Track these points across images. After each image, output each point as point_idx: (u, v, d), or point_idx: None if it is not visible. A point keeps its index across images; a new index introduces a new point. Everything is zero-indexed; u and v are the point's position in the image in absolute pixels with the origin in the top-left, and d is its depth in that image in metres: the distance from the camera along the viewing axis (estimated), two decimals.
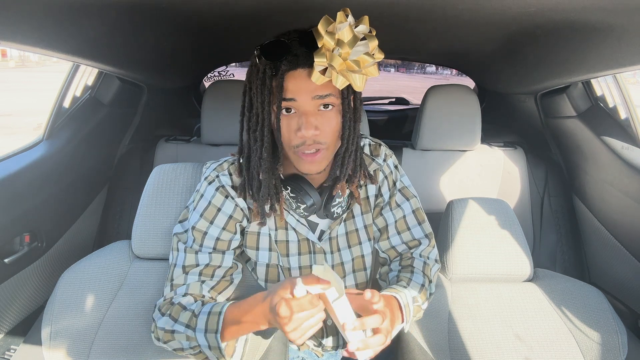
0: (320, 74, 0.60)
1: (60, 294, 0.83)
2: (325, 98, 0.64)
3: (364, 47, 0.59)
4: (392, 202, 0.84)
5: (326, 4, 0.82)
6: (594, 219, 1.38)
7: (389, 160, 0.86)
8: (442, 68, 10.54)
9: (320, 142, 0.66)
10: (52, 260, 1.26)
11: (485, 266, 0.90)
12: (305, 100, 0.64)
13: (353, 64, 0.59)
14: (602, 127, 1.36)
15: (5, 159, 1.15)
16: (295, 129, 0.65)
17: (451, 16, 0.94)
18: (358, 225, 0.83)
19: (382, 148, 0.86)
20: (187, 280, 0.72)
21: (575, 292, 0.90)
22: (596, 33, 0.84)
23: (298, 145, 0.67)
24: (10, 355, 1.05)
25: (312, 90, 0.63)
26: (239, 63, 2.37)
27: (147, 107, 1.65)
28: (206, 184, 0.76)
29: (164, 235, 0.87)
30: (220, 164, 0.78)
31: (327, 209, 0.75)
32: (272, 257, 0.79)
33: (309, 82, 0.62)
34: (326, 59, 0.59)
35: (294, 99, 0.64)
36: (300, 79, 0.63)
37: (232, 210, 0.75)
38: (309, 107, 0.64)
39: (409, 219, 0.84)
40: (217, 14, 0.98)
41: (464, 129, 1.46)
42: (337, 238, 0.81)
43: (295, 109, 0.65)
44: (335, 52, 0.59)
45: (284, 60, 0.63)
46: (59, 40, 0.84)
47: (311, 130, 0.64)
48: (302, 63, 0.62)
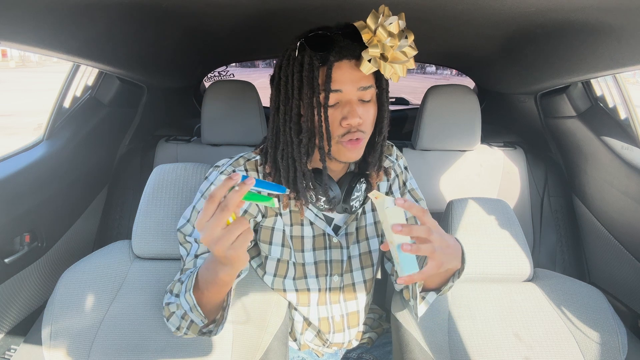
0: (369, 64, 0.62)
1: (60, 294, 0.83)
2: (367, 89, 0.67)
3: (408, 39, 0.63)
4: None
5: (326, 4, 0.82)
6: (593, 219, 1.38)
7: (399, 161, 0.89)
8: (442, 68, 10.54)
9: (363, 131, 0.69)
10: (52, 260, 1.26)
11: (485, 266, 0.90)
12: (351, 90, 0.66)
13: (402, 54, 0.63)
14: (602, 127, 1.36)
15: (5, 159, 1.15)
16: (340, 118, 0.67)
17: (451, 16, 0.94)
18: (368, 220, 0.85)
19: (394, 149, 0.89)
20: (196, 263, 0.72)
21: (575, 292, 0.90)
22: (596, 33, 0.84)
23: (342, 135, 0.68)
24: (10, 355, 1.05)
25: (357, 81, 0.65)
26: (239, 63, 2.36)
27: (147, 107, 1.65)
28: (223, 177, 0.76)
29: (164, 235, 0.87)
30: (236, 160, 0.79)
31: (347, 202, 0.76)
32: (284, 253, 0.80)
33: (354, 73, 0.64)
34: (379, 49, 0.61)
35: (340, 90, 0.65)
36: (346, 70, 0.64)
37: (247, 205, 0.76)
38: (354, 97, 0.66)
39: None
40: (218, 14, 0.99)
41: (464, 129, 1.46)
42: (353, 234, 0.83)
43: (339, 99, 0.67)
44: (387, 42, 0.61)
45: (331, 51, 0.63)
46: (59, 40, 0.84)
47: (357, 119, 0.66)
48: (348, 54, 0.64)
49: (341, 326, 0.87)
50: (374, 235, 0.85)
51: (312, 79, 0.64)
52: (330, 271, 0.82)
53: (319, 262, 0.81)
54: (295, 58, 0.66)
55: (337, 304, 0.85)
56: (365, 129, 0.69)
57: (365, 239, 0.84)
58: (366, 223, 0.84)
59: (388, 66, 0.62)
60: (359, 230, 0.84)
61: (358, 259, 0.84)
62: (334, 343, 0.89)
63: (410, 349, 0.79)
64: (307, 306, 0.84)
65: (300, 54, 0.65)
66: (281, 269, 0.81)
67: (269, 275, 0.82)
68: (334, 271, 0.82)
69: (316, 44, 0.64)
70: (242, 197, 0.49)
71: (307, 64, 0.64)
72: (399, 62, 0.63)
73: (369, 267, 0.85)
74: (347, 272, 0.84)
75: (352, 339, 0.91)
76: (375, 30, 0.61)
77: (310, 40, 0.64)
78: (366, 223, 0.84)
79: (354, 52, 0.63)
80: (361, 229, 0.84)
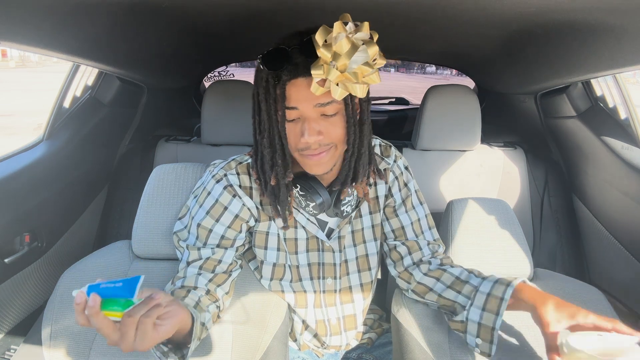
0: (319, 85, 0.59)
1: (60, 294, 0.83)
2: (326, 106, 0.64)
3: (362, 56, 0.57)
4: (408, 203, 0.84)
5: (326, 4, 0.82)
6: (594, 219, 1.38)
7: (399, 162, 0.86)
8: (442, 68, 10.53)
9: (327, 144, 0.67)
10: (52, 260, 1.26)
11: (485, 266, 0.90)
12: (307, 108, 0.64)
13: (351, 75, 0.58)
14: (602, 127, 1.36)
15: (5, 159, 1.15)
16: (299, 134, 0.66)
17: (451, 16, 0.94)
18: (365, 224, 0.83)
19: (392, 149, 0.87)
20: (186, 273, 0.74)
21: (575, 292, 0.90)
22: (596, 33, 0.84)
23: (303, 149, 0.67)
24: (10, 355, 1.05)
25: (314, 99, 0.63)
26: (239, 63, 2.36)
27: (147, 107, 1.65)
28: (214, 182, 0.76)
29: (164, 235, 0.87)
30: (228, 163, 0.78)
31: (337, 207, 0.76)
32: (280, 257, 0.79)
33: (310, 91, 0.61)
34: (322, 72, 0.57)
35: (296, 107, 0.64)
36: (301, 88, 0.63)
37: (239, 210, 0.75)
38: (312, 114, 0.64)
39: (422, 222, 0.85)
40: (218, 14, 0.98)
41: (464, 129, 1.46)
42: (346, 237, 0.82)
43: (299, 115, 0.65)
44: (331, 65, 0.57)
45: (284, 69, 0.62)
46: (59, 41, 0.84)
47: (314, 137, 0.64)
48: (302, 72, 0.62)
49: (338, 329, 0.86)
50: (372, 238, 0.84)
51: (269, 96, 0.64)
52: (323, 274, 0.82)
53: (312, 264, 0.81)
54: (260, 72, 0.66)
55: (333, 306, 0.84)
56: (330, 141, 0.67)
57: (362, 242, 0.84)
58: (363, 226, 0.83)
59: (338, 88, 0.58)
60: (354, 233, 0.83)
61: (355, 262, 0.83)
62: (331, 346, 0.89)
63: (410, 349, 0.79)
64: (304, 308, 0.84)
65: (262, 70, 0.65)
66: (278, 273, 0.81)
67: (266, 279, 0.82)
68: (326, 274, 0.82)
69: (270, 62, 0.62)
70: (102, 309, 0.51)
71: (264, 82, 0.64)
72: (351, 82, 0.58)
73: (366, 271, 0.85)
74: (343, 275, 0.83)
75: (351, 341, 0.91)
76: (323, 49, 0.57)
77: (265, 58, 0.63)
78: (363, 226, 0.83)
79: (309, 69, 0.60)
80: (357, 232, 0.83)
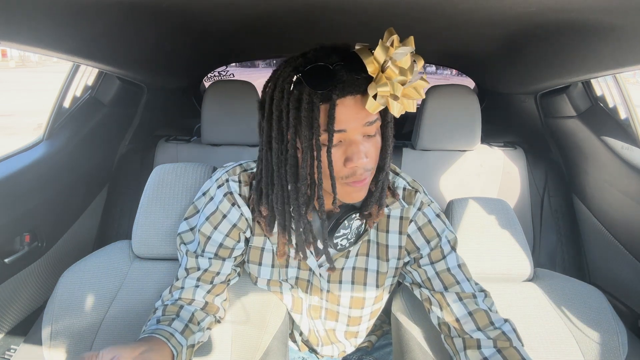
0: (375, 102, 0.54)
1: (60, 294, 0.83)
2: (373, 124, 0.59)
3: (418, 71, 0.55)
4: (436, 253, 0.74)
5: (326, 4, 0.82)
6: (594, 219, 1.38)
7: (425, 209, 0.76)
8: (442, 68, 10.53)
9: (368, 169, 0.62)
10: (52, 260, 1.26)
11: (485, 266, 0.90)
12: (356, 128, 0.58)
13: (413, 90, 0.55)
14: (602, 127, 1.36)
15: (5, 159, 1.15)
16: (343, 159, 0.59)
17: (451, 16, 0.94)
18: (370, 266, 0.76)
19: (418, 195, 0.76)
20: (184, 284, 0.73)
21: (575, 292, 0.90)
22: (596, 33, 0.84)
23: (348, 176, 0.61)
24: (10, 355, 1.05)
25: (363, 118, 0.57)
26: (239, 63, 2.36)
27: (147, 107, 1.65)
28: (216, 186, 0.74)
29: (164, 235, 0.87)
30: (233, 168, 0.75)
31: (330, 239, 0.69)
32: (274, 274, 0.78)
33: (358, 110, 0.56)
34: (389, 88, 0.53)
35: (344, 130, 0.57)
36: (351, 107, 0.56)
37: (237, 219, 0.73)
38: (358, 136, 0.59)
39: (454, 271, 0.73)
40: (218, 14, 0.99)
41: (464, 129, 1.46)
42: (342, 270, 0.76)
43: (342, 139, 0.59)
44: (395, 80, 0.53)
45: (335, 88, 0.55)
46: (59, 40, 0.84)
47: (362, 159, 0.58)
48: (352, 90, 0.55)
49: (327, 340, 0.85)
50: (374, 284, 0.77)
51: (312, 119, 0.56)
52: (310, 292, 0.79)
53: (300, 279, 0.78)
54: (291, 92, 0.57)
55: (318, 319, 0.83)
56: (370, 166, 0.62)
57: (363, 284, 0.77)
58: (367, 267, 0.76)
59: (397, 104, 0.55)
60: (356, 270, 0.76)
61: (348, 300, 0.78)
62: (323, 355, 0.88)
63: (410, 349, 0.79)
64: (299, 314, 0.83)
65: (296, 89, 0.57)
66: (273, 285, 0.80)
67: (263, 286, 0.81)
68: (313, 293, 0.79)
69: (316, 81, 0.55)
70: None
71: (305, 103, 0.55)
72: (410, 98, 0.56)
73: (358, 309, 0.78)
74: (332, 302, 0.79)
75: (347, 348, 0.90)
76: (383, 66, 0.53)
77: (309, 75, 0.55)
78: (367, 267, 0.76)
79: (359, 87, 0.55)
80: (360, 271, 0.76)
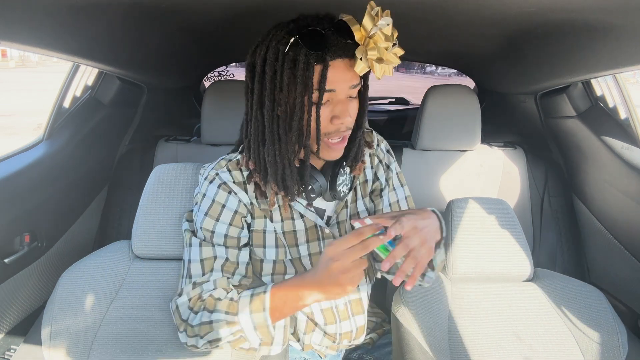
0: (363, 64, 0.61)
1: (60, 294, 0.83)
2: (356, 87, 0.68)
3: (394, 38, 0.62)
4: (390, 184, 0.87)
5: (326, 4, 0.82)
6: (593, 219, 1.38)
7: (382, 145, 0.89)
8: (441, 68, 10.54)
9: (350, 127, 0.70)
10: (52, 260, 1.26)
11: (485, 266, 0.90)
12: (343, 90, 0.66)
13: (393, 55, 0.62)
14: (602, 127, 1.36)
15: (5, 159, 1.15)
16: (330, 116, 0.67)
17: (451, 16, 0.94)
18: (359, 208, 0.85)
19: (374, 134, 0.89)
20: (212, 277, 0.72)
21: (575, 292, 0.90)
22: (596, 33, 0.84)
23: (330, 133, 0.68)
24: (10, 355, 1.05)
25: (350, 80, 0.65)
26: (239, 63, 2.36)
27: (147, 107, 1.65)
28: (207, 183, 0.76)
29: (164, 235, 0.87)
30: (217, 163, 0.79)
31: (333, 189, 0.76)
32: (280, 254, 0.79)
33: (347, 72, 0.64)
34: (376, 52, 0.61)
35: (334, 89, 0.65)
36: (341, 69, 0.64)
37: (237, 205, 0.75)
38: (344, 96, 0.67)
39: (401, 203, 0.87)
40: (217, 13, 0.99)
41: (464, 129, 1.46)
42: (345, 222, 0.82)
43: (330, 98, 0.66)
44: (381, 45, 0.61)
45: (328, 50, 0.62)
46: (59, 41, 0.84)
47: (348, 117, 0.67)
48: (342, 53, 0.63)
49: (346, 314, 0.85)
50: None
51: (307, 78, 0.63)
52: None
53: (313, 254, 0.80)
54: (286, 53, 0.63)
55: None
56: (352, 125, 0.70)
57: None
58: (358, 210, 0.84)
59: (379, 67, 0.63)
60: (352, 217, 0.83)
61: None
62: (343, 334, 0.87)
63: (410, 349, 0.79)
64: None
65: (292, 50, 0.63)
66: (279, 269, 0.80)
67: (267, 275, 0.81)
68: None
69: (312, 42, 0.62)
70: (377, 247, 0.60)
71: (302, 62, 0.62)
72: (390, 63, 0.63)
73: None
74: None
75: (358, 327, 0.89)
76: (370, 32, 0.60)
77: (306, 38, 0.62)
78: (358, 210, 0.84)
79: (348, 51, 0.63)
80: (355, 216, 0.83)
